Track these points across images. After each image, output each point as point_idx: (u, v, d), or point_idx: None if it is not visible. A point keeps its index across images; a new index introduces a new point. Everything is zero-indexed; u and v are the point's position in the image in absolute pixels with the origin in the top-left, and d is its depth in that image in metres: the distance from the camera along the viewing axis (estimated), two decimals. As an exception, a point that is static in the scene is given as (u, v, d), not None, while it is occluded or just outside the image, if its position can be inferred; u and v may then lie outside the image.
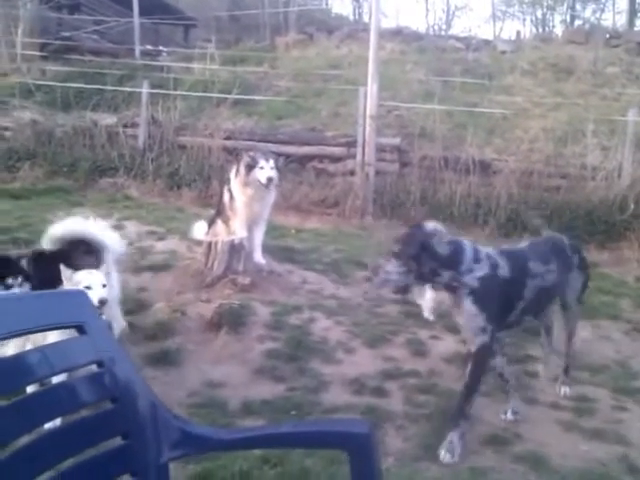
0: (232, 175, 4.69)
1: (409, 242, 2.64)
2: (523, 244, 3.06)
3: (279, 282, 4.54)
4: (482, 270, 2.65)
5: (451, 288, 2.68)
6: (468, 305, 2.65)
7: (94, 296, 2.63)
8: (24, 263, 3.06)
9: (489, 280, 2.64)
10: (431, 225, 2.74)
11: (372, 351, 3.66)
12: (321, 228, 6.74)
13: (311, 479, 2.35)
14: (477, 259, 2.66)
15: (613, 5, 23.14)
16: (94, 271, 2.87)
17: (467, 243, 2.71)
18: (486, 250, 2.74)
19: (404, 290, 2.80)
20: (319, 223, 6.99)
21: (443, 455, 2.64)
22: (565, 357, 3.35)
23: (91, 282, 2.75)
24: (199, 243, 4.73)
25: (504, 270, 2.69)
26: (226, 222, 4.74)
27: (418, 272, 2.63)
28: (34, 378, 1.32)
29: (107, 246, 3.26)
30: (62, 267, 2.78)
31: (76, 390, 1.35)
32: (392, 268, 2.63)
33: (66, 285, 2.75)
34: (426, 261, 2.61)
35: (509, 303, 2.76)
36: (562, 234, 3.40)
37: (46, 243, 3.21)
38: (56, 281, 2.73)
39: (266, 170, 4.49)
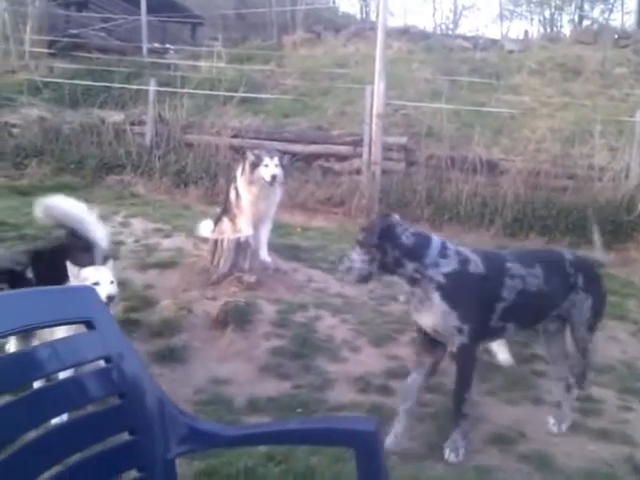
0: (238, 173, 4.71)
1: (373, 230, 2.60)
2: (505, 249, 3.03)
3: (285, 280, 4.55)
4: (449, 266, 2.57)
5: (415, 281, 2.61)
6: (437, 301, 2.57)
7: (102, 292, 2.64)
8: (24, 261, 3.05)
9: (458, 276, 2.57)
10: (396, 216, 2.73)
11: (377, 350, 3.66)
12: (327, 227, 6.75)
13: (316, 477, 2.36)
14: (444, 254, 2.59)
15: (622, 5, 23.00)
16: (102, 267, 2.89)
17: (434, 238, 2.65)
18: (456, 247, 2.68)
19: (366, 279, 2.71)
20: (325, 222, 7.00)
21: (448, 454, 2.64)
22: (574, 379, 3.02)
23: (99, 278, 2.76)
24: (205, 240, 4.74)
25: (476, 266, 2.61)
26: (232, 220, 4.75)
27: (381, 261, 2.59)
28: (44, 373, 1.33)
29: (97, 241, 3.27)
30: (69, 264, 2.79)
31: (84, 385, 1.35)
32: (356, 256, 2.61)
33: (73, 282, 2.76)
34: (389, 250, 2.57)
35: (487, 303, 2.65)
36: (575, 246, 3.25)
37: (41, 216, 3.25)
38: (56, 280, 2.73)
39: (270, 168, 4.50)
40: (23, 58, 11.36)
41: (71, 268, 2.79)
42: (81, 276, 2.78)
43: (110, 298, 2.72)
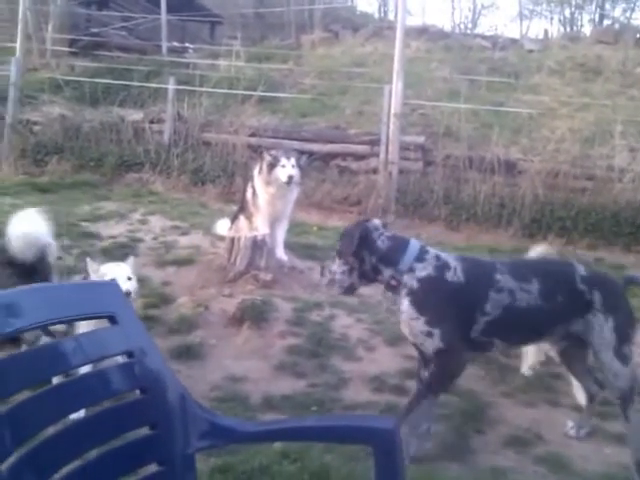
0: (255, 172, 4.74)
1: (348, 238, 2.53)
2: (504, 259, 2.83)
3: (300, 279, 4.56)
4: (425, 270, 2.47)
5: (392, 288, 2.52)
6: (405, 306, 2.49)
7: None
8: None
9: (432, 282, 2.46)
10: (375, 221, 2.65)
11: (392, 349, 3.66)
12: (343, 226, 6.68)
13: (331, 475, 2.37)
14: (421, 259, 2.49)
15: (644, 4, 22.67)
16: (121, 264, 2.93)
17: (413, 242, 2.55)
18: (437, 252, 2.56)
19: (350, 290, 2.65)
20: (341, 221, 6.98)
21: None
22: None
23: (117, 274, 2.80)
24: (222, 238, 4.78)
25: (455, 275, 2.48)
26: (249, 218, 4.78)
27: (360, 270, 2.52)
28: (68, 366, 1.35)
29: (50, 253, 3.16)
30: (88, 260, 2.84)
31: (107, 379, 1.38)
32: (335, 267, 2.56)
33: (92, 277, 2.80)
34: (366, 257, 2.49)
35: (466, 314, 2.50)
36: (576, 255, 3.06)
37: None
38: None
39: (287, 168, 4.52)
40: (45, 56, 11.49)
41: (91, 264, 2.83)
42: (100, 272, 2.82)
43: (127, 294, 2.75)
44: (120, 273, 2.83)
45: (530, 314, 2.54)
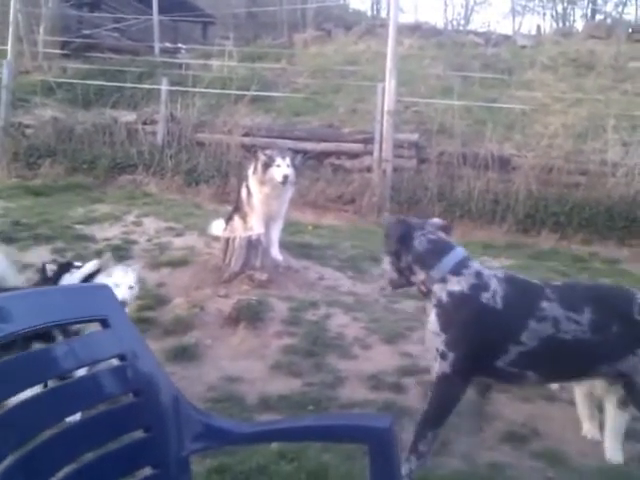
0: (250, 172, 4.73)
1: (389, 235, 2.46)
2: (555, 282, 2.57)
3: (296, 278, 4.56)
4: (458, 285, 2.27)
5: (422, 293, 2.41)
6: (431, 318, 2.33)
7: (118, 294, 2.69)
8: None
9: (463, 300, 2.26)
10: (433, 220, 2.53)
11: (389, 347, 3.66)
12: (338, 224, 6.75)
13: (328, 474, 2.36)
14: (458, 271, 2.29)
15: (636, -1, 22.74)
16: (129, 270, 2.94)
17: (458, 251, 2.36)
18: (481, 269, 2.34)
19: (397, 285, 2.52)
20: (336, 220, 7.00)
21: None
22: None
23: (121, 281, 2.80)
24: (217, 239, 4.77)
25: (493, 298, 2.25)
26: (243, 218, 4.78)
27: (397, 267, 2.43)
28: (61, 371, 1.35)
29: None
30: (104, 258, 2.86)
31: (99, 383, 1.37)
32: (385, 265, 2.50)
33: (100, 276, 2.82)
34: (403, 255, 2.38)
35: (496, 342, 2.28)
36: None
37: None
38: None
39: (282, 168, 4.51)
40: (36, 59, 11.46)
41: (105, 262, 2.85)
42: (109, 273, 2.84)
43: (122, 303, 2.76)
44: (124, 281, 2.84)
45: (575, 348, 2.27)
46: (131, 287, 2.85)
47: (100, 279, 2.79)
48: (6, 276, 3.05)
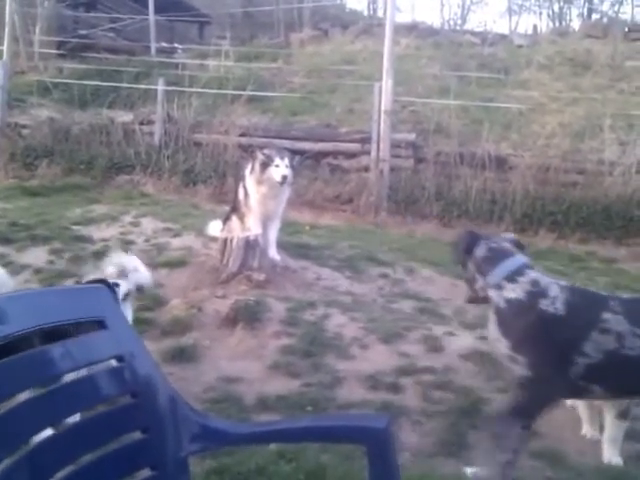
0: (247, 172, 4.71)
1: (458, 246, 2.51)
2: (623, 295, 2.52)
3: (294, 278, 4.55)
4: (514, 293, 2.26)
5: (481, 299, 2.41)
6: (492, 326, 2.34)
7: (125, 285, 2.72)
8: None
9: (520, 307, 2.25)
10: (506, 235, 2.57)
11: (387, 347, 3.65)
12: (335, 224, 6.75)
13: (327, 474, 2.36)
14: (513, 279, 2.29)
15: (632, -2, 22.78)
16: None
17: (516, 259, 2.36)
18: (539, 277, 2.32)
19: (475, 300, 2.51)
20: (333, 219, 7.00)
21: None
22: None
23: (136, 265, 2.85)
24: (214, 239, 4.76)
25: (553, 305, 2.22)
26: (241, 218, 4.76)
27: (465, 277, 2.46)
28: (58, 372, 1.34)
29: None
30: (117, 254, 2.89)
31: (97, 384, 1.37)
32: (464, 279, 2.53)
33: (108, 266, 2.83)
34: (468, 264, 2.42)
35: (561, 349, 2.23)
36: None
37: None
38: None
39: (281, 168, 4.49)
40: (32, 59, 11.44)
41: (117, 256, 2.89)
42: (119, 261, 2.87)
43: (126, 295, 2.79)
44: (138, 264, 2.88)
45: None
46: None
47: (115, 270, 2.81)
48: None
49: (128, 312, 2.69)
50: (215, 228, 4.92)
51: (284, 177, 4.48)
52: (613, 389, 2.34)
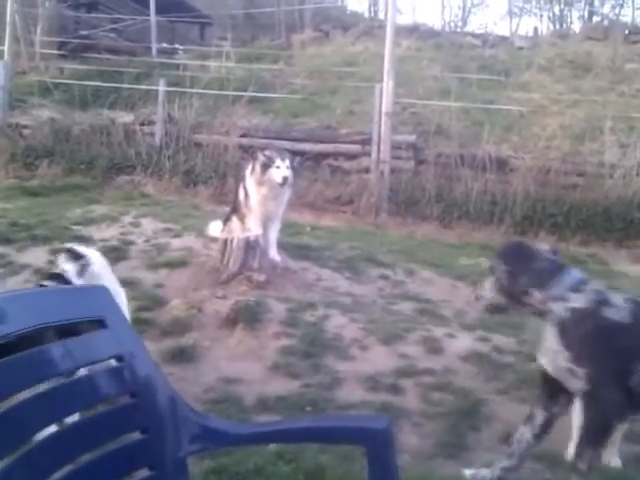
0: (247, 173, 4.72)
1: (501, 257, 2.44)
2: None
3: (294, 279, 4.55)
4: (578, 302, 2.23)
5: (539, 313, 2.34)
6: (550, 338, 2.27)
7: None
8: None
9: (586, 315, 2.22)
10: (542, 245, 2.50)
11: (387, 348, 3.65)
12: (336, 226, 6.75)
13: (326, 475, 2.36)
14: (577, 289, 2.27)
15: (632, 1, 22.82)
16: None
17: (574, 271, 2.35)
18: (601, 287, 2.36)
19: (498, 309, 2.50)
20: (334, 221, 7.00)
21: None
22: None
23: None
24: (215, 240, 4.76)
25: (618, 313, 2.21)
26: (241, 219, 4.76)
27: (508, 289, 2.37)
28: (57, 371, 1.34)
29: None
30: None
31: (96, 384, 1.37)
32: (487, 285, 2.44)
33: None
34: (517, 277, 2.34)
35: (624, 357, 2.21)
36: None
37: None
38: None
39: (282, 169, 4.49)
40: (33, 60, 11.45)
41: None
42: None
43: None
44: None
45: None
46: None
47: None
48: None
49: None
50: (215, 228, 4.92)
51: (285, 178, 4.49)
52: None
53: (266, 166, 4.52)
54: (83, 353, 1.35)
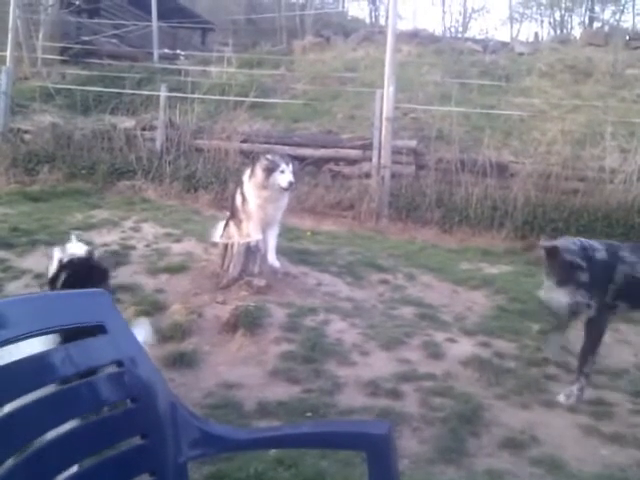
0: (245, 178, 4.70)
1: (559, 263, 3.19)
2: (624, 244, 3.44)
3: (294, 284, 4.55)
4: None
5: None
6: None
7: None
8: None
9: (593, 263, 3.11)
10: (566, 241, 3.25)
11: (387, 353, 3.65)
12: (336, 230, 6.75)
13: (326, 481, 2.36)
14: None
15: (633, 7, 22.93)
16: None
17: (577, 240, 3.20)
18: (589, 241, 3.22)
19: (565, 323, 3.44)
20: (334, 225, 7.00)
21: (561, 397, 3.16)
22: None
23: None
24: (215, 245, 4.76)
25: (601, 254, 3.16)
26: (238, 225, 4.75)
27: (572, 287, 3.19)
28: (58, 376, 1.34)
29: None
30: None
31: (97, 389, 1.37)
32: (560, 295, 3.19)
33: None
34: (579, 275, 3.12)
35: (604, 284, 3.13)
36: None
37: None
38: None
39: (287, 174, 4.48)
40: (35, 65, 11.48)
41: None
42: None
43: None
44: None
45: None
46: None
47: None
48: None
49: None
50: (216, 233, 4.93)
51: (290, 183, 4.48)
52: (630, 303, 3.28)
53: (270, 170, 4.50)
54: (84, 358, 1.35)
